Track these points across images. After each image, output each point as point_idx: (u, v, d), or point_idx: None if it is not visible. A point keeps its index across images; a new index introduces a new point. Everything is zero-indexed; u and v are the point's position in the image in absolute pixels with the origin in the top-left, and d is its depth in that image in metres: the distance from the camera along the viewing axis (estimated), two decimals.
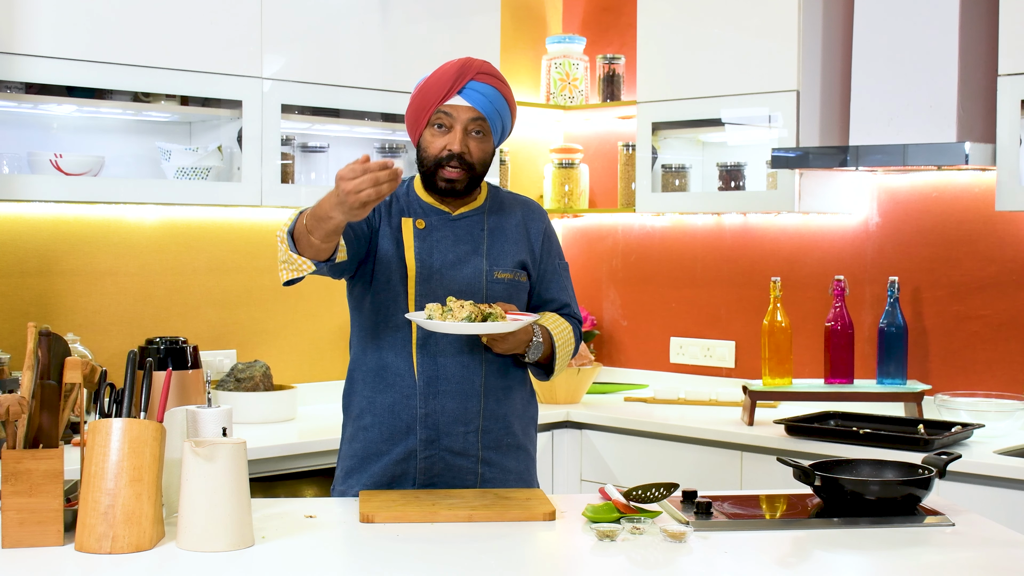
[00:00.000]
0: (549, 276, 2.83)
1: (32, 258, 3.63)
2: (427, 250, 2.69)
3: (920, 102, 3.66)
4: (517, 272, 2.75)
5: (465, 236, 2.73)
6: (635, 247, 4.74)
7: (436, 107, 2.63)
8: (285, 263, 2.49)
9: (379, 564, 2.14)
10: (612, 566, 2.15)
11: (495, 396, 2.72)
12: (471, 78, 2.62)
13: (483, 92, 2.63)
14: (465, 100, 2.62)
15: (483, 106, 2.63)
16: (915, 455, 3.10)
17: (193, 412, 2.44)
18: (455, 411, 2.68)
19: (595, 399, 4.36)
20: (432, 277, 2.68)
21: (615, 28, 4.81)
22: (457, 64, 2.64)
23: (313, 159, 4.10)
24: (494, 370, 2.72)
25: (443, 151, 2.64)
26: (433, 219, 2.72)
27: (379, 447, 2.70)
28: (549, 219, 2.88)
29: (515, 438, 2.76)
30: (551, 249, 2.84)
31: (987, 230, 3.89)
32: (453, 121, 2.63)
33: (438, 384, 2.67)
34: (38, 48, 3.30)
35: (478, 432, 2.70)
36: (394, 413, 2.69)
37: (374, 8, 3.97)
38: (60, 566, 2.08)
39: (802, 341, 4.20)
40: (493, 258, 2.73)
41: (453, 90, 2.62)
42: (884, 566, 2.19)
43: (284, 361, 4.16)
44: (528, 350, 2.68)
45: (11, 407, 2.16)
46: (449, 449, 2.69)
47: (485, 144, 2.67)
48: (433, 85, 2.63)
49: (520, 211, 2.82)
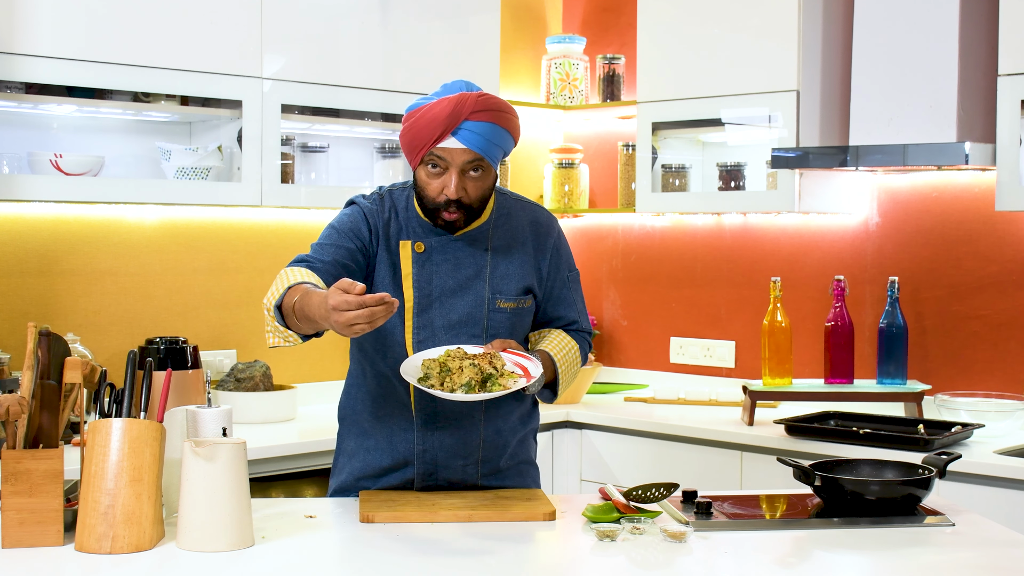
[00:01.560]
0: (556, 294, 2.72)
1: (32, 258, 3.63)
2: (426, 277, 2.59)
3: (920, 102, 3.66)
4: (521, 300, 2.64)
5: (467, 259, 2.61)
6: (635, 247, 4.74)
7: (428, 149, 2.48)
8: (272, 332, 2.42)
9: (379, 564, 2.14)
10: (612, 566, 2.15)
11: (494, 426, 2.66)
12: (465, 118, 2.46)
13: (479, 132, 2.47)
14: (460, 142, 2.46)
15: (479, 146, 2.47)
16: (915, 455, 3.10)
17: (193, 412, 2.44)
18: (453, 446, 2.63)
19: (595, 399, 4.36)
20: (431, 307, 2.58)
21: (615, 28, 4.81)
22: (450, 106, 2.46)
23: (313, 159, 4.10)
24: (492, 403, 2.63)
25: (440, 196, 2.51)
26: (433, 240, 2.60)
27: (376, 471, 2.67)
28: (560, 228, 2.76)
29: (514, 458, 2.72)
30: (560, 263, 2.73)
31: (987, 230, 3.89)
32: (448, 164, 2.49)
33: (436, 420, 2.62)
34: (38, 48, 3.30)
35: (477, 464, 2.67)
36: (392, 444, 2.65)
37: (374, 8, 3.97)
38: (60, 566, 2.08)
39: (802, 341, 4.20)
40: (495, 284, 2.61)
41: (446, 133, 2.46)
42: (884, 566, 2.19)
43: (284, 361, 4.16)
44: (528, 387, 2.48)
45: (11, 407, 2.16)
46: (447, 480, 2.66)
47: (484, 180, 2.53)
48: (425, 127, 2.47)
49: (529, 227, 2.69)
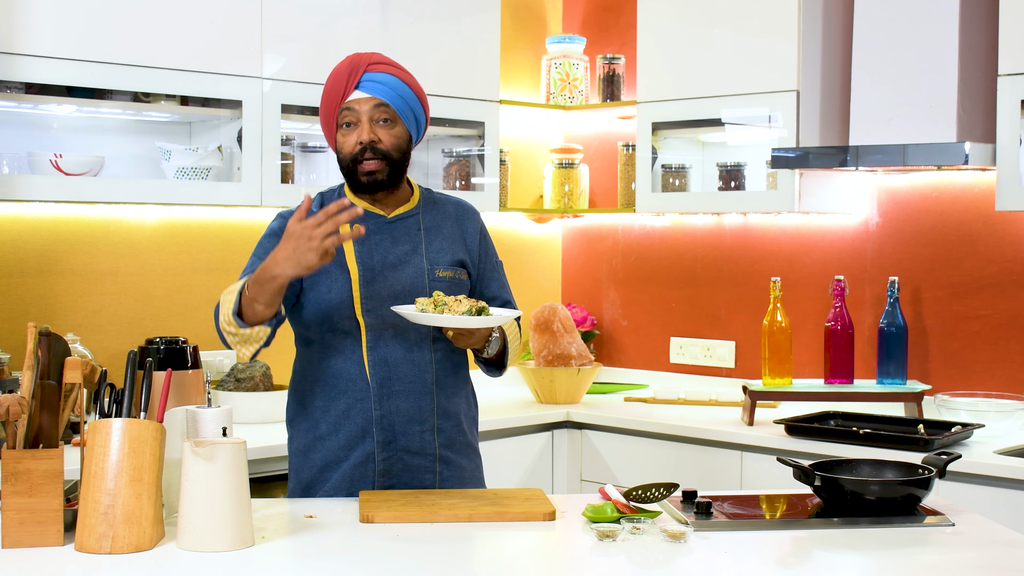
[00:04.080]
0: (488, 274, 2.87)
1: (32, 258, 3.63)
2: (367, 252, 2.71)
3: (920, 102, 3.66)
4: (457, 270, 2.78)
5: (403, 237, 2.75)
6: (635, 247, 4.74)
7: (339, 107, 2.66)
8: (241, 342, 2.57)
9: (379, 564, 2.14)
10: (612, 566, 2.15)
11: (446, 394, 2.75)
12: (364, 70, 2.65)
13: (380, 80, 2.65)
14: (364, 92, 2.65)
15: (382, 93, 2.65)
16: (915, 455, 3.10)
17: (193, 412, 2.44)
18: (409, 410, 2.69)
19: (595, 399, 4.36)
20: (376, 279, 2.69)
21: (615, 28, 4.81)
22: (346, 62, 2.68)
23: (313, 159, 4.10)
24: (443, 368, 2.74)
25: (356, 146, 2.66)
26: (369, 223, 2.72)
27: (337, 454, 2.70)
28: (482, 218, 2.91)
29: (466, 436, 2.80)
30: (487, 248, 2.88)
31: (987, 230, 3.89)
32: (358, 115, 2.66)
33: (391, 385, 2.68)
34: (38, 48, 3.30)
35: (433, 431, 2.72)
36: (349, 418, 2.69)
37: (374, 8, 3.97)
38: (60, 566, 2.08)
39: (802, 341, 4.20)
40: (432, 257, 2.75)
41: (350, 86, 2.65)
42: (884, 566, 2.19)
43: (284, 361, 4.15)
44: (487, 344, 2.71)
45: (11, 407, 2.16)
46: (406, 449, 2.70)
47: (395, 130, 2.68)
48: (331, 88, 2.68)
49: (454, 211, 2.85)
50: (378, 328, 2.68)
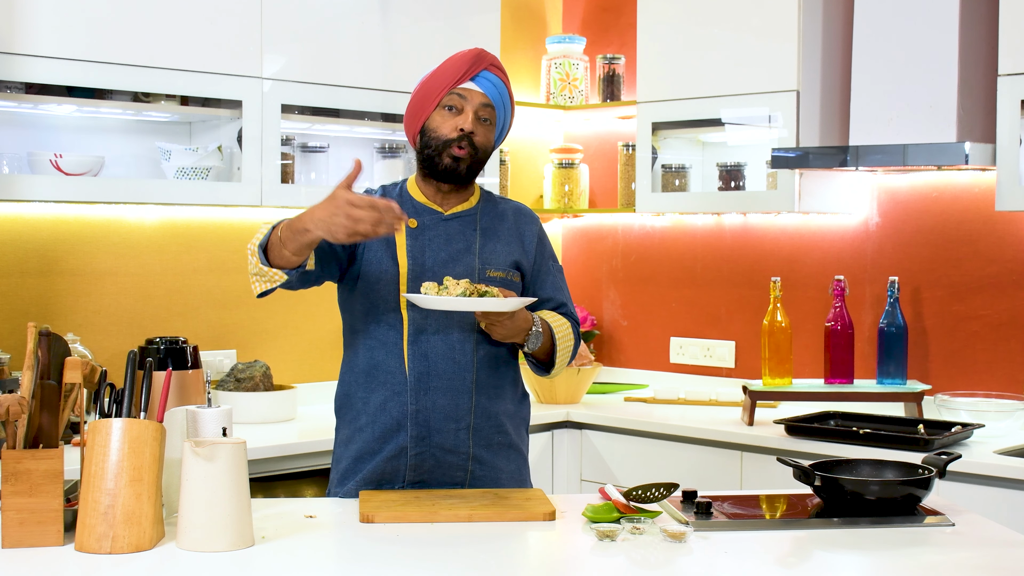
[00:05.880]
0: (543, 276, 2.84)
1: (32, 258, 3.63)
2: (419, 248, 2.71)
3: (920, 102, 3.66)
4: (510, 272, 2.76)
5: (457, 236, 2.74)
6: (635, 247, 4.74)
7: (449, 90, 2.68)
8: (257, 275, 2.53)
9: (379, 564, 2.14)
10: (612, 566, 2.15)
11: (486, 393, 2.71)
12: (485, 67, 2.70)
13: (495, 83, 2.71)
14: (478, 87, 2.69)
15: (494, 95, 2.70)
16: (915, 455, 3.10)
17: (193, 412, 2.44)
18: (446, 407, 2.68)
19: (595, 399, 4.36)
20: (424, 275, 2.68)
21: (615, 28, 4.81)
22: (472, 52, 2.71)
23: (313, 159, 4.10)
24: (485, 367, 2.72)
25: (455, 131, 2.68)
26: (425, 218, 2.73)
27: (372, 446, 2.70)
28: (542, 224, 2.90)
29: (507, 437, 2.76)
30: (544, 251, 2.86)
31: (987, 230, 3.89)
32: (465, 103, 2.69)
33: (429, 380, 2.67)
34: (38, 48, 3.30)
35: (469, 429, 2.69)
36: (385, 410, 2.68)
37: (374, 8, 3.97)
38: (60, 566, 2.08)
39: (802, 341, 4.20)
40: (485, 257, 2.74)
41: (467, 75, 2.68)
42: (884, 566, 2.19)
43: (284, 361, 4.16)
44: (527, 339, 2.67)
45: (11, 407, 2.16)
46: (440, 446, 2.68)
47: (490, 133, 2.73)
48: (448, 70, 2.70)
49: (512, 215, 2.84)
50: (420, 323, 2.67)
